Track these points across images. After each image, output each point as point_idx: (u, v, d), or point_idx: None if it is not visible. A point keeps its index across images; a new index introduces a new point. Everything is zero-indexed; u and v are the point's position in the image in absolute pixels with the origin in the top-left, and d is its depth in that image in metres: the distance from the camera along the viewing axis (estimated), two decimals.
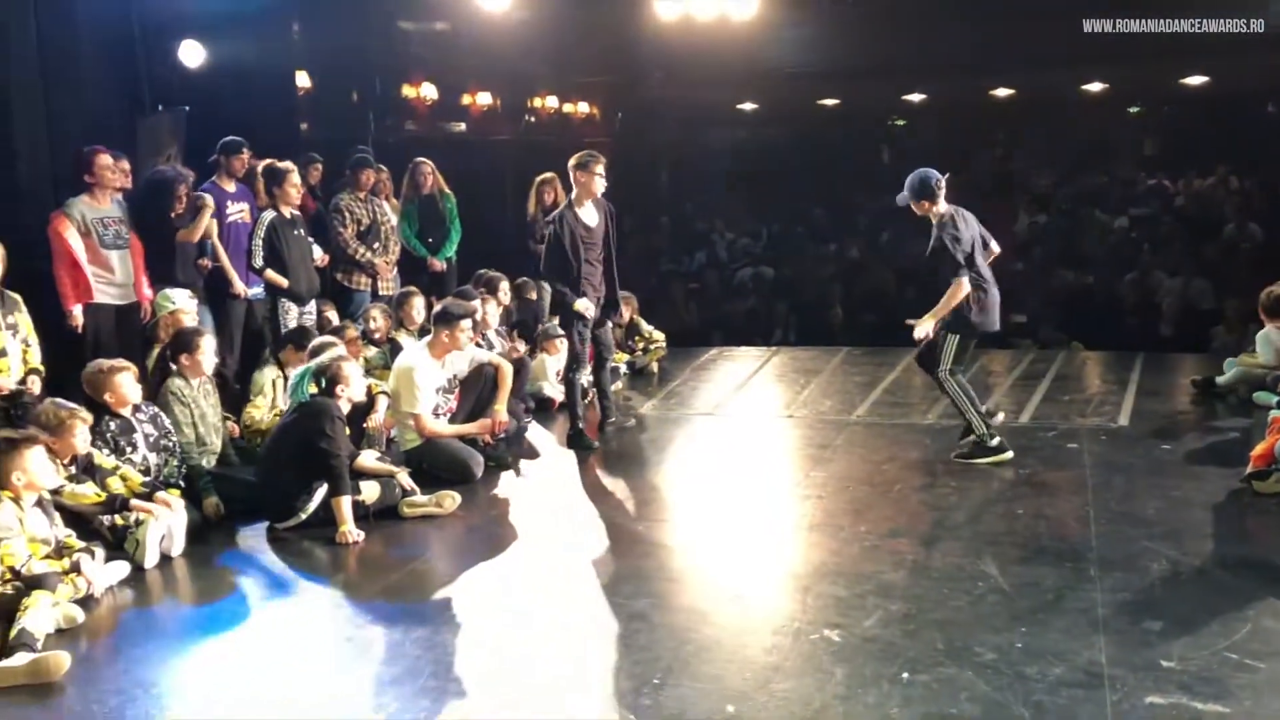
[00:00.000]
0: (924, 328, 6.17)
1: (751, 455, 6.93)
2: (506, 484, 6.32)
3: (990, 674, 3.73)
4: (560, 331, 8.14)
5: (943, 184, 6.18)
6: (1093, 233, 15.73)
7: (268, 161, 7.71)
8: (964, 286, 6.06)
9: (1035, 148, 19.99)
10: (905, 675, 3.75)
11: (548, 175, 9.02)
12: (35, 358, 5.80)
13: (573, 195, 6.91)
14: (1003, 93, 19.04)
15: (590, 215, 6.90)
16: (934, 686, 3.67)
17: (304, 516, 5.46)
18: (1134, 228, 15.88)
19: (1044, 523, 5.28)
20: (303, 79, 11.03)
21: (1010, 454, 6.25)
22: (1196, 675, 3.66)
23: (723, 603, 4.51)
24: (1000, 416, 6.90)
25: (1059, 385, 8.26)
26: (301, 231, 7.64)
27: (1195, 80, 18.25)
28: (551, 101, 16.16)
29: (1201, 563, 4.69)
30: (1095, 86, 18.77)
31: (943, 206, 6.20)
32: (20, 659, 3.92)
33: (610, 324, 7.44)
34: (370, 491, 5.62)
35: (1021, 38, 15.45)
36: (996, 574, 4.62)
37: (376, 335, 7.51)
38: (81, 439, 5.10)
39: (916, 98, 19.82)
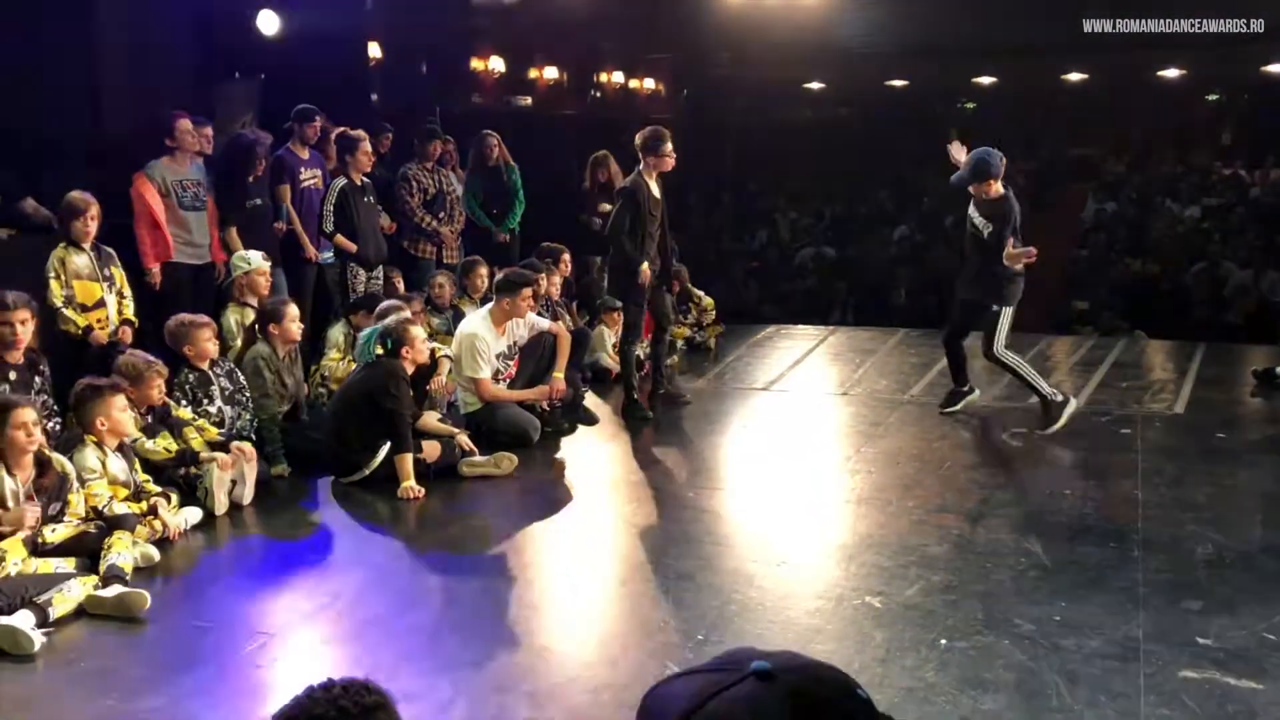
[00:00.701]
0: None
1: (804, 430, 7.03)
2: (563, 449, 6.49)
3: (1027, 644, 3.82)
4: (619, 303, 8.30)
5: (1004, 163, 6.24)
6: (1162, 222, 15.50)
7: (341, 130, 7.93)
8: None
9: (1107, 134, 19.66)
10: (944, 642, 3.85)
11: (601, 153, 9.10)
12: (130, 309, 6.11)
13: (640, 168, 7.00)
14: (1075, 77, 18.75)
15: (656, 189, 7.02)
16: (971, 654, 3.77)
17: (368, 472, 5.68)
18: (1206, 218, 15.63)
19: (1091, 504, 5.32)
20: (374, 50, 11.26)
21: (1074, 403, 6.53)
22: (1232, 653, 3.71)
23: (768, 567, 4.63)
24: (976, 393, 7.03)
25: (1117, 371, 8.23)
26: (372, 199, 7.85)
27: (1276, 68, 17.82)
28: (617, 77, 16.24)
29: (1247, 548, 4.71)
30: (1173, 73, 18.41)
31: (1001, 186, 6.26)
32: (111, 591, 4.17)
33: (667, 294, 7.55)
34: (432, 450, 5.82)
35: (1093, 20, 15.21)
36: (1040, 551, 4.68)
37: (440, 302, 7.71)
38: (158, 390, 5.36)
39: (986, 80, 19.59)
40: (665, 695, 1.09)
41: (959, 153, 6.61)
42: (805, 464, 6.21)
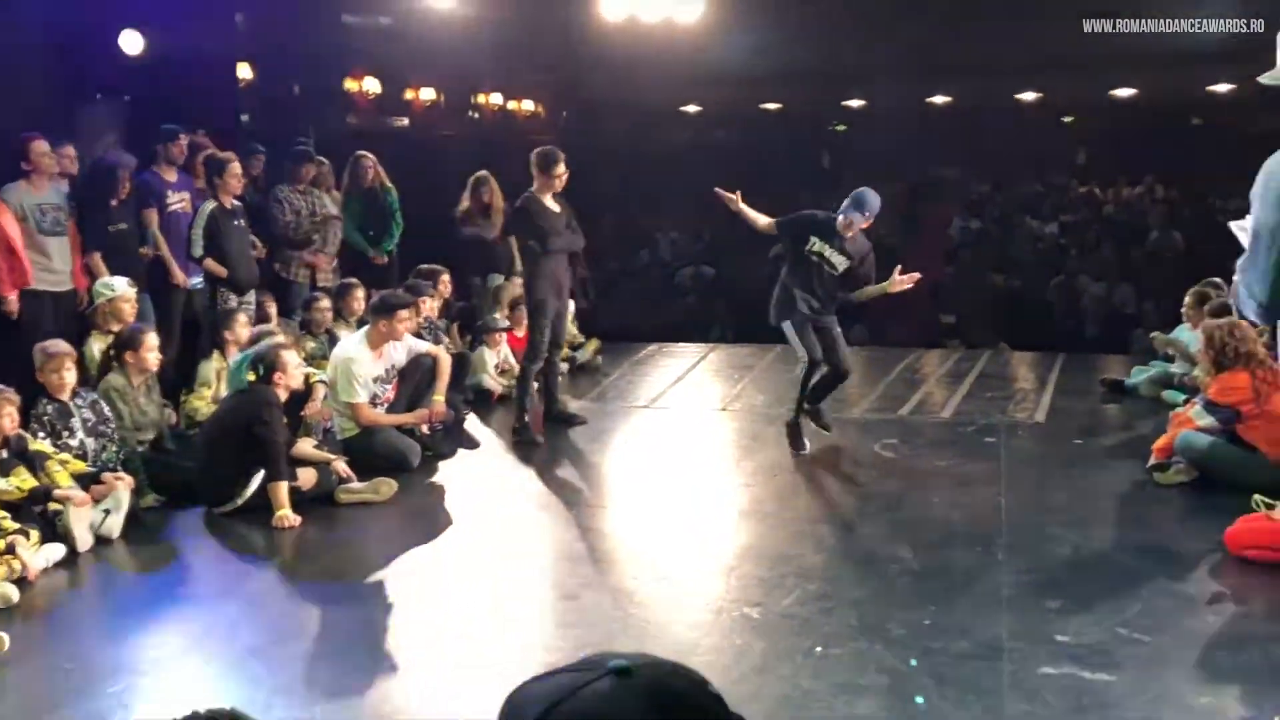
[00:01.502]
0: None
1: (686, 446, 7.11)
2: (443, 473, 6.44)
3: (899, 648, 3.95)
4: (500, 325, 8.30)
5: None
6: (1024, 239, 16.18)
7: (209, 151, 7.76)
8: None
9: (971, 154, 20.45)
10: (819, 649, 3.96)
11: (482, 174, 9.10)
12: None
13: (534, 187, 7.03)
14: (940, 100, 19.49)
15: (552, 204, 7.05)
16: (845, 660, 3.88)
17: (241, 501, 5.55)
18: (1064, 234, 16.36)
19: (958, 510, 5.53)
20: (246, 70, 11.04)
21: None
22: (1089, 648, 3.90)
23: (650, 583, 4.69)
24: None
25: (983, 382, 8.56)
26: (242, 222, 7.69)
27: (1125, 92, 18.85)
28: (496, 98, 16.24)
29: (1102, 547, 4.96)
30: (1030, 96, 19.29)
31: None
32: None
33: (569, 316, 7.59)
34: (307, 478, 5.71)
35: (959, 47, 15.86)
36: (910, 557, 4.85)
37: (316, 326, 7.59)
38: (9, 419, 5.13)
39: (856, 103, 20.20)
40: (524, 696, 1.11)
41: (737, 205, 6.77)
42: (687, 479, 6.30)
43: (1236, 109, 19.91)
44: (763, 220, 6.73)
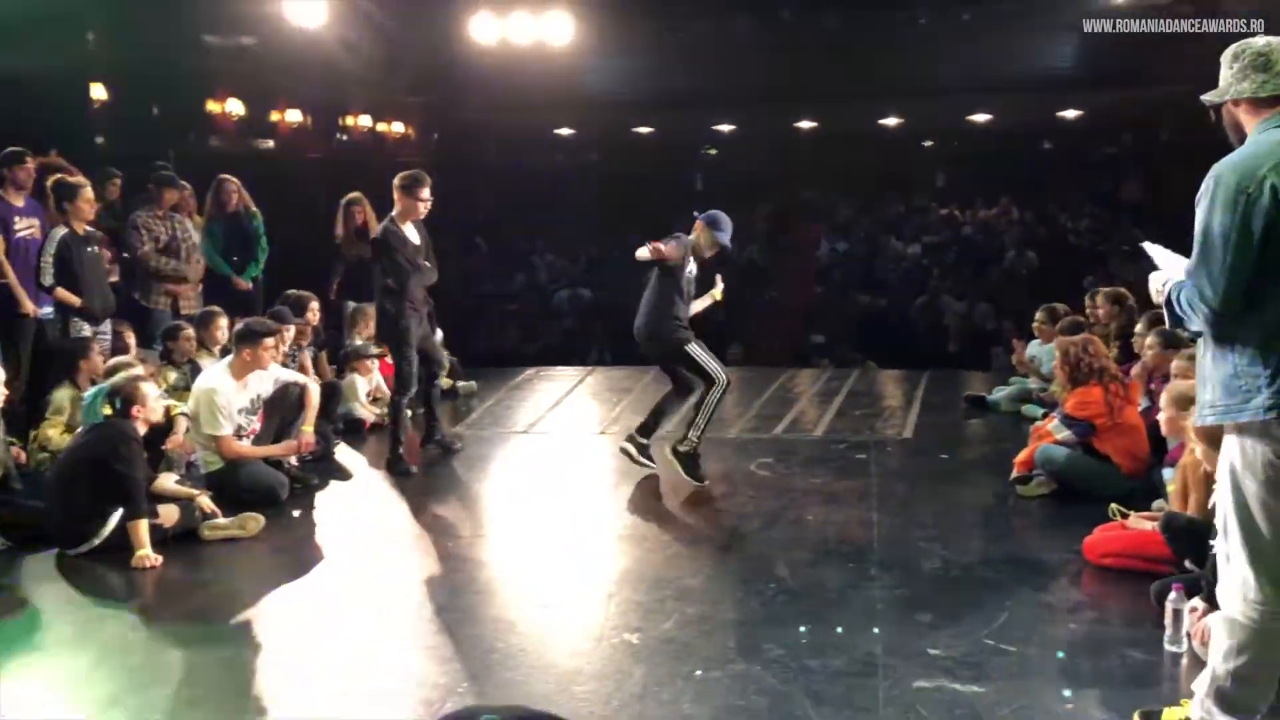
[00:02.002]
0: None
1: (564, 471, 7.08)
2: (313, 506, 6.26)
3: (777, 668, 3.99)
4: (371, 352, 8.13)
5: None
6: (888, 259, 16.68)
7: (58, 176, 7.41)
8: None
9: (837, 177, 21.02)
10: (699, 673, 3.97)
11: (355, 195, 8.93)
12: None
13: (395, 212, 6.88)
14: (806, 124, 19.98)
15: (412, 234, 6.91)
16: (725, 682, 3.90)
17: (98, 541, 5.29)
18: (926, 254, 16.93)
19: (831, 527, 5.63)
20: (100, 91, 10.62)
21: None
22: (958, 660, 4.01)
23: (530, 611, 4.63)
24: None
25: (852, 401, 8.77)
26: (96, 249, 7.37)
27: (981, 117, 19.64)
28: (365, 120, 15.97)
29: (969, 560, 5.11)
30: (891, 121, 19.94)
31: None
32: None
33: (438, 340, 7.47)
34: (169, 514, 5.48)
35: (821, 72, 16.29)
36: (787, 576, 4.92)
37: (178, 356, 7.31)
38: None
39: (726, 128, 20.56)
40: None
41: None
42: (565, 505, 6.26)
43: (1084, 134, 21.04)
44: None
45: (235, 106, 12.94)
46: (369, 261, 8.59)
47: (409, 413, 7.08)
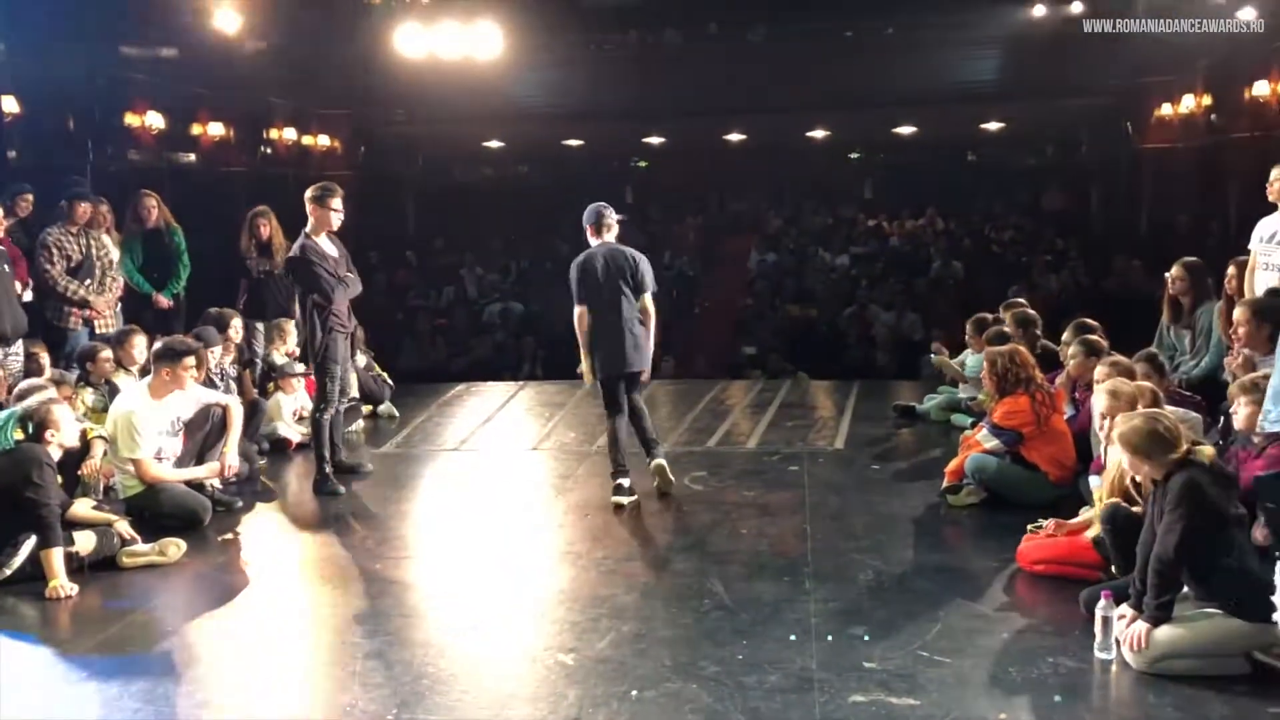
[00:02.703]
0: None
1: (495, 489, 6.99)
2: (237, 530, 6.09)
3: (713, 685, 3.95)
4: (297, 370, 7.96)
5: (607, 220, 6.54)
6: (817, 270, 16.82)
7: None
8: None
9: (765, 189, 21.19)
10: (634, 693, 3.91)
11: (261, 208, 8.71)
12: None
13: (308, 227, 6.73)
14: (735, 137, 20.11)
15: (329, 247, 6.76)
16: (661, 702, 3.86)
17: (9, 572, 5.08)
18: (854, 265, 17.12)
19: (766, 541, 5.62)
20: (11, 104, 10.30)
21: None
22: (894, 673, 4.01)
23: (460, 634, 4.55)
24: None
25: (785, 412, 8.80)
26: (7, 267, 7.12)
27: (906, 130, 19.95)
28: (290, 133, 15.72)
29: (902, 571, 5.13)
30: (819, 133, 20.15)
31: (593, 242, 6.52)
32: None
33: (358, 361, 7.30)
34: (85, 542, 5.29)
35: (749, 85, 16.42)
36: (722, 591, 4.89)
37: (96, 376, 7.08)
38: None
39: (656, 140, 20.62)
40: None
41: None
42: (496, 523, 6.17)
43: (1006, 145, 21.48)
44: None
45: (155, 119, 12.64)
46: (272, 276, 8.42)
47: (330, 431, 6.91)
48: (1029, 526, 5.20)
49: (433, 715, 3.80)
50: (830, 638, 4.33)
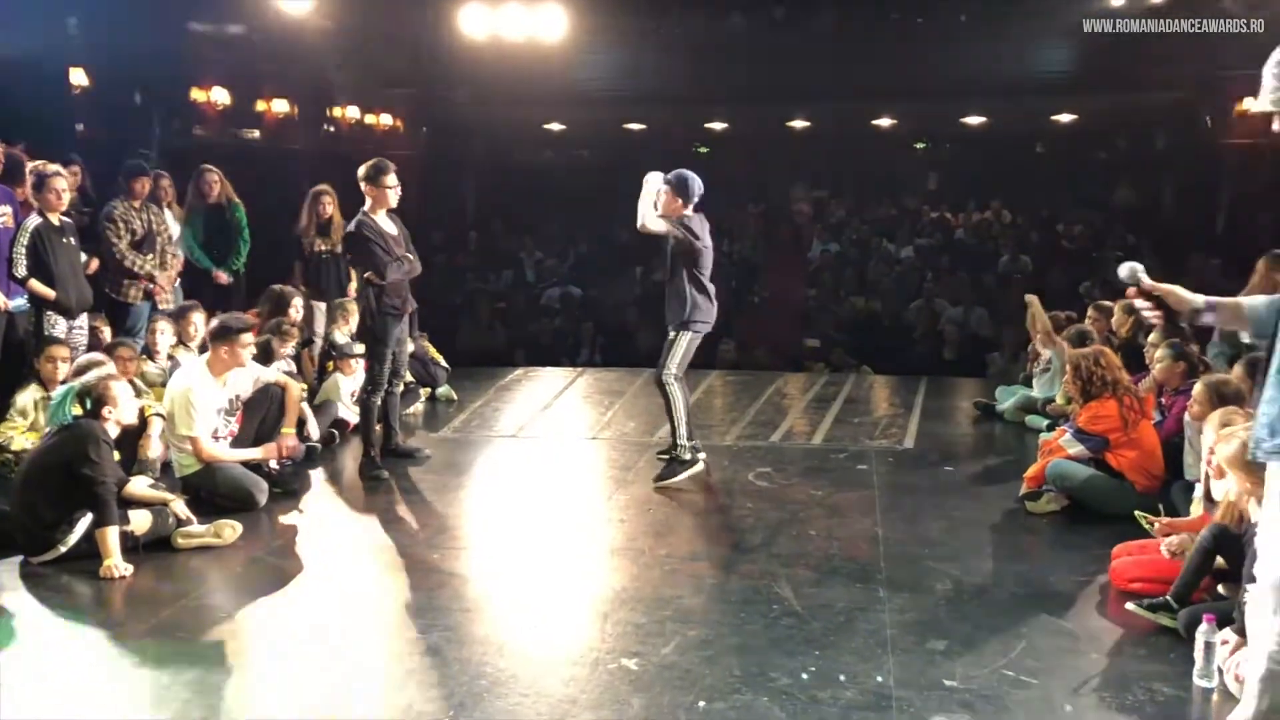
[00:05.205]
0: None
1: (554, 478, 6.84)
2: (293, 513, 5.99)
3: (784, 699, 3.75)
4: (356, 350, 7.84)
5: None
6: (881, 262, 16.45)
7: (36, 164, 7.12)
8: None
9: (829, 178, 20.80)
10: (702, 704, 3.73)
11: (323, 186, 8.62)
12: None
13: (367, 205, 6.60)
14: (799, 124, 19.75)
15: (388, 225, 6.63)
16: (730, 714, 3.66)
17: (64, 549, 5.02)
18: (919, 258, 16.71)
19: (836, 544, 5.40)
20: (81, 77, 10.33)
21: (701, 465, 6.34)
22: (977, 693, 3.78)
23: (520, 633, 4.39)
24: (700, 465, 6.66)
25: (850, 408, 8.54)
26: (72, 240, 7.08)
27: (974, 120, 19.46)
28: (353, 112, 15.68)
29: (981, 582, 4.88)
30: (885, 122, 19.73)
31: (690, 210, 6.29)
32: None
33: (412, 344, 7.17)
34: (140, 521, 5.21)
35: (817, 73, 16.08)
36: (791, 596, 4.68)
37: (155, 351, 7.04)
38: None
39: (719, 126, 20.31)
40: None
41: None
42: (556, 515, 6.01)
43: (1076, 138, 20.90)
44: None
45: (220, 95, 12.66)
46: (333, 255, 8.34)
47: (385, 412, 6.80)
48: (1136, 514, 4.92)
49: (492, 719, 3.64)
50: (907, 651, 4.11)
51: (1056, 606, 4.58)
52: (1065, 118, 19.15)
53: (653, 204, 6.24)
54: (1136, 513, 4.96)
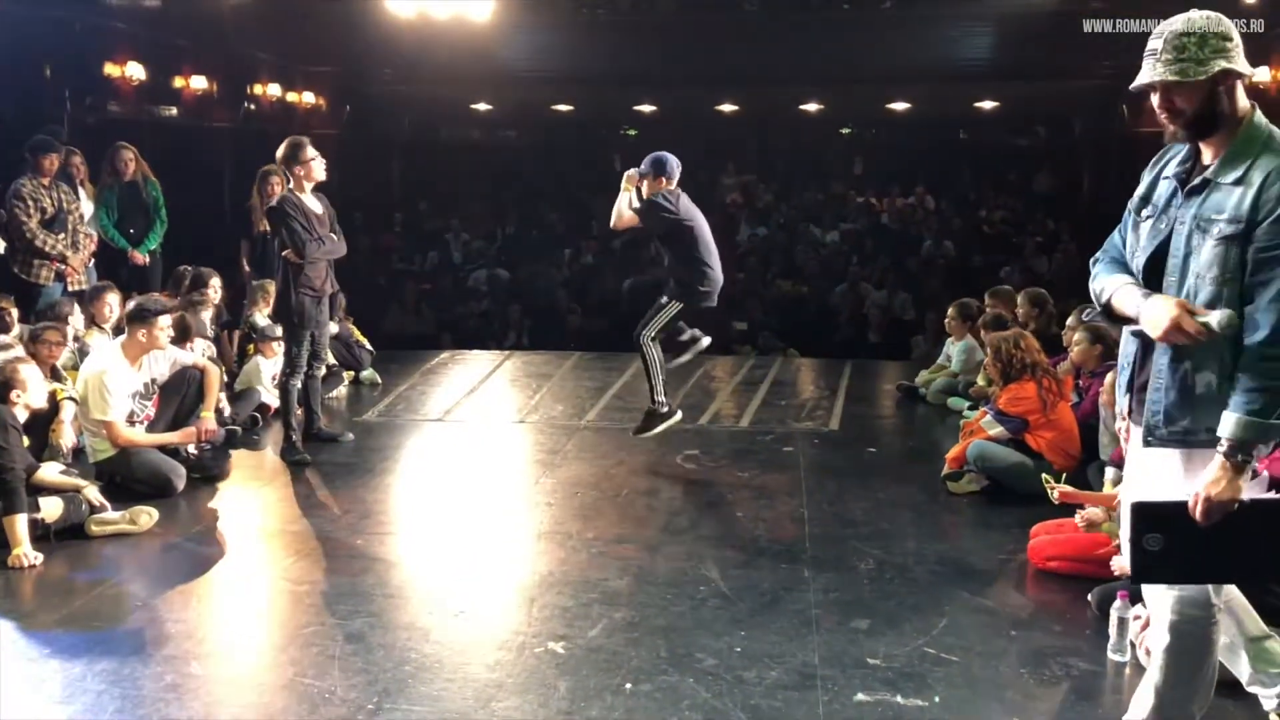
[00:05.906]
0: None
1: (481, 462, 6.78)
2: (211, 499, 5.86)
3: (710, 680, 3.77)
4: (276, 332, 7.68)
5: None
6: (807, 246, 16.59)
7: None
8: None
9: (757, 162, 20.91)
10: (628, 686, 3.73)
11: (272, 166, 8.45)
12: None
13: (290, 185, 6.47)
14: (728, 108, 19.80)
15: (313, 204, 6.50)
16: (656, 696, 3.67)
17: None
18: (844, 242, 16.89)
19: (762, 525, 5.44)
20: None
21: (679, 416, 6.59)
22: (899, 671, 3.84)
23: (445, 618, 4.35)
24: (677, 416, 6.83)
25: (776, 391, 8.60)
26: None
27: (899, 106, 19.68)
28: (274, 89, 15.32)
29: (903, 561, 4.95)
30: (812, 106, 19.86)
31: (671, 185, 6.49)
32: None
33: (336, 326, 7.05)
34: (52, 509, 5.05)
35: (747, 57, 16.11)
36: (717, 578, 4.71)
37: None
38: None
39: (647, 109, 20.27)
40: None
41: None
42: (483, 500, 5.96)
43: (998, 125, 21.25)
44: None
45: (136, 70, 12.26)
46: (269, 235, 8.17)
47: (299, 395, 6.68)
48: (1043, 476, 5.03)
49: (416, 705, 3.60)
50: (831, 631, 4.16)
51: (977, 584, 4.67)
52: (987, 104, 19.48)
53: (627, 203, 6.34)
54: (1043, 475, 5.08)
